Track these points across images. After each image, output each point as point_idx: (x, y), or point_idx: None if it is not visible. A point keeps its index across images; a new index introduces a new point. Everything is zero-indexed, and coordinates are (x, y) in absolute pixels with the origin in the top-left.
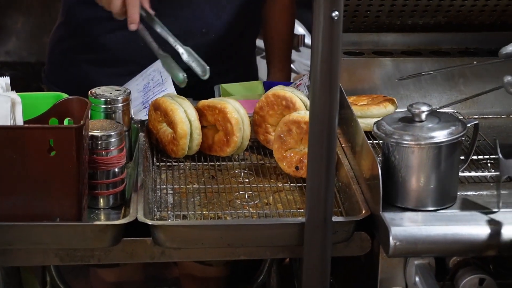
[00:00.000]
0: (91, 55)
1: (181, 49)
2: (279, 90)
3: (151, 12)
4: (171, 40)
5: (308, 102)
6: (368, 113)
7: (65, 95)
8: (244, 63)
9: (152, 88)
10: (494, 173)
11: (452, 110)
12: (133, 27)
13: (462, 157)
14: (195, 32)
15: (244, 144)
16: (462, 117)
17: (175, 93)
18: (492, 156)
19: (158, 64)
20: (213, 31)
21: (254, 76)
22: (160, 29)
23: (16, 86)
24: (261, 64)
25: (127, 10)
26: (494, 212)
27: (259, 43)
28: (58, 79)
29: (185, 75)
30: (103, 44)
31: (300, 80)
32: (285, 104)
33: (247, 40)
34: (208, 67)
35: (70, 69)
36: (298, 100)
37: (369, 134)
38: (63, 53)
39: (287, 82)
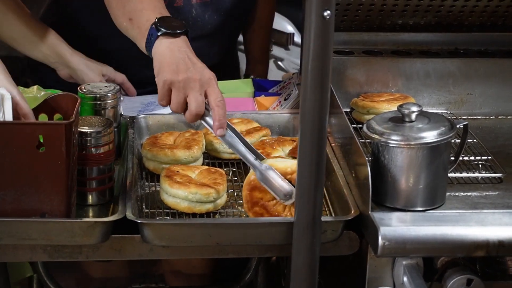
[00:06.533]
0: (77, 47)
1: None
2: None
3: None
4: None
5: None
6: (380, 109)
7: (55, 91)
8: (227, 59)
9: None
10: (484, 174)
11: (442, 111)
12: (220, 132)
13: (452, 158)
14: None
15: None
16: (452, 117)
17: None
18: (482, 158)
19: None
20: (204, 35)
21: (236, 71)
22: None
23: None
24: (242, 58)
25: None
26: (483, 213)
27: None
28: (44, 73)
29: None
30: (90, 35)
31: (289, 79)
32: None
33: (233, 38)
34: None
35: None
36: None
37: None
38: None
39: (276, 81)
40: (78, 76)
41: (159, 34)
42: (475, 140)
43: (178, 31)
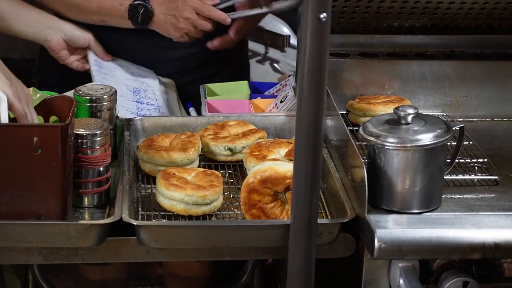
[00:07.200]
0: None
1: None
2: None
3: None
4: None
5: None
6: (376, 112)
7: (51, 93)
8: (232, 65)
9: (145, 102)
10: (480, 177)
11: (438, 113)
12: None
13: (448, 160)
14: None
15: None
16: (448, 120)
17: None
18: (478, 160)
19: (154, 83)
20: (195, 50)
21: (245, 78)
22: None
23: None
24: (254, 67)
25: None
26: (479, 215)
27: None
28: (48, 74)
29: None
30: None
31: (285, 81)
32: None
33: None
34: None
35: (60, 65)
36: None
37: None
38: None
39: (272, 83)
40: (71, 35)
41: None
42: (471, 143)
43: None
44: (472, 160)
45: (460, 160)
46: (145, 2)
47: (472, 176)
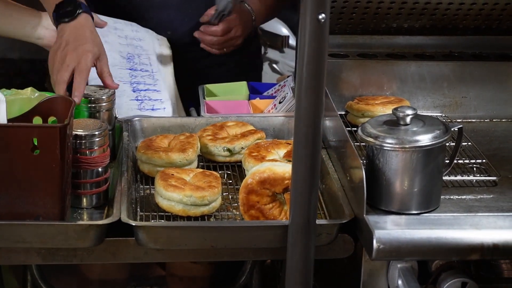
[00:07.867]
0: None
1: None
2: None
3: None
4: None
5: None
6: (374, 112)
7: (50, 94)
8: (231, 60)
9: (139, 69)
10: (478, 177)
11: (436, 114)
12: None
13: (447, 161)
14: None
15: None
16: (447, 120)
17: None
18: (476, 161)
19: (149, 47)
20: (178, 34)
21: (249, 73)
22: None
23: None
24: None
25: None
26: (478, 216)
27: None
28: None
29: None
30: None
31: (284, 82)
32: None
33: None
34: None
35: None
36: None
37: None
38: None
39: (271, 84)
40: None
41: None
42: (469, 143)
43: None
44: (471, 161)
45: (459, 161)
46: None
47: (471, 177)
